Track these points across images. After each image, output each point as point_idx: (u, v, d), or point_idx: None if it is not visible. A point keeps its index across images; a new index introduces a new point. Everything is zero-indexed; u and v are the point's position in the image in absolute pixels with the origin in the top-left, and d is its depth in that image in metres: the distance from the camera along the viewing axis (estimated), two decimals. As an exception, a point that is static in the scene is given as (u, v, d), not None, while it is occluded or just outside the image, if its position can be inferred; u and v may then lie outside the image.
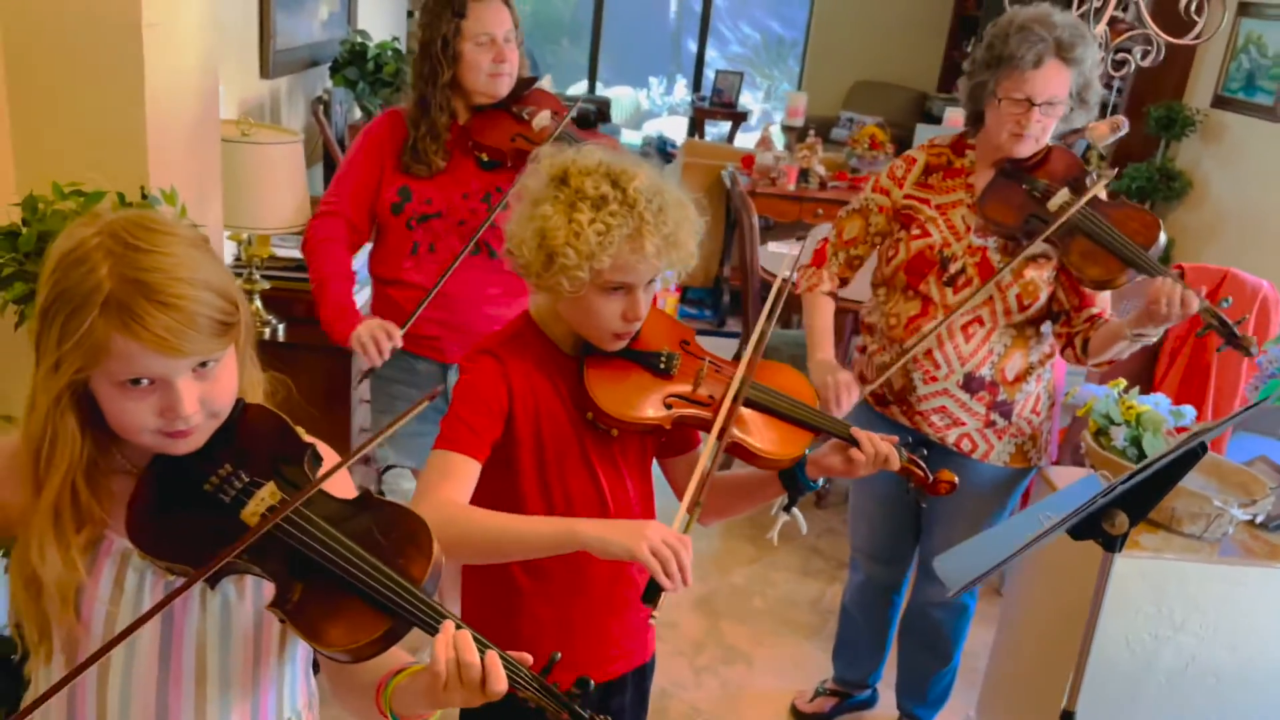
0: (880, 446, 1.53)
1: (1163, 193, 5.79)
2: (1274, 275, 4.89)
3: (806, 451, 1.57)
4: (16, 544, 1.10)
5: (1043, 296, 2.16)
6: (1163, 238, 2.05)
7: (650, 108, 10.86)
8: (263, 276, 2.49)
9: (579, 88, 9.26)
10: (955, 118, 5.24)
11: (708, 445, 1.47)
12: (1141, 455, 2.15)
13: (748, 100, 9.22)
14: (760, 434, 1.53)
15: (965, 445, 2.25)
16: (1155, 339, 2.03)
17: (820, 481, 1.57)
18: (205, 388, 1.06)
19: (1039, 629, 2.35)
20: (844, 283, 2.37)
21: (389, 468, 2.47)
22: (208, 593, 1.16)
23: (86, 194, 1.58)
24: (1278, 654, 2.12)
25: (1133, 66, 3.63)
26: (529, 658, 1.08)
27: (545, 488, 1.51)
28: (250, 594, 1.16)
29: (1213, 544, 2.10)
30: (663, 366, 1.52)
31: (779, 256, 3.83)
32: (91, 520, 1.09)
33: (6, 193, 1.75)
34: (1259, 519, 2.11)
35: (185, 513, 1.09)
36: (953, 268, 2.17)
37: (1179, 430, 2.28)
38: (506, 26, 2.15)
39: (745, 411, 1.53)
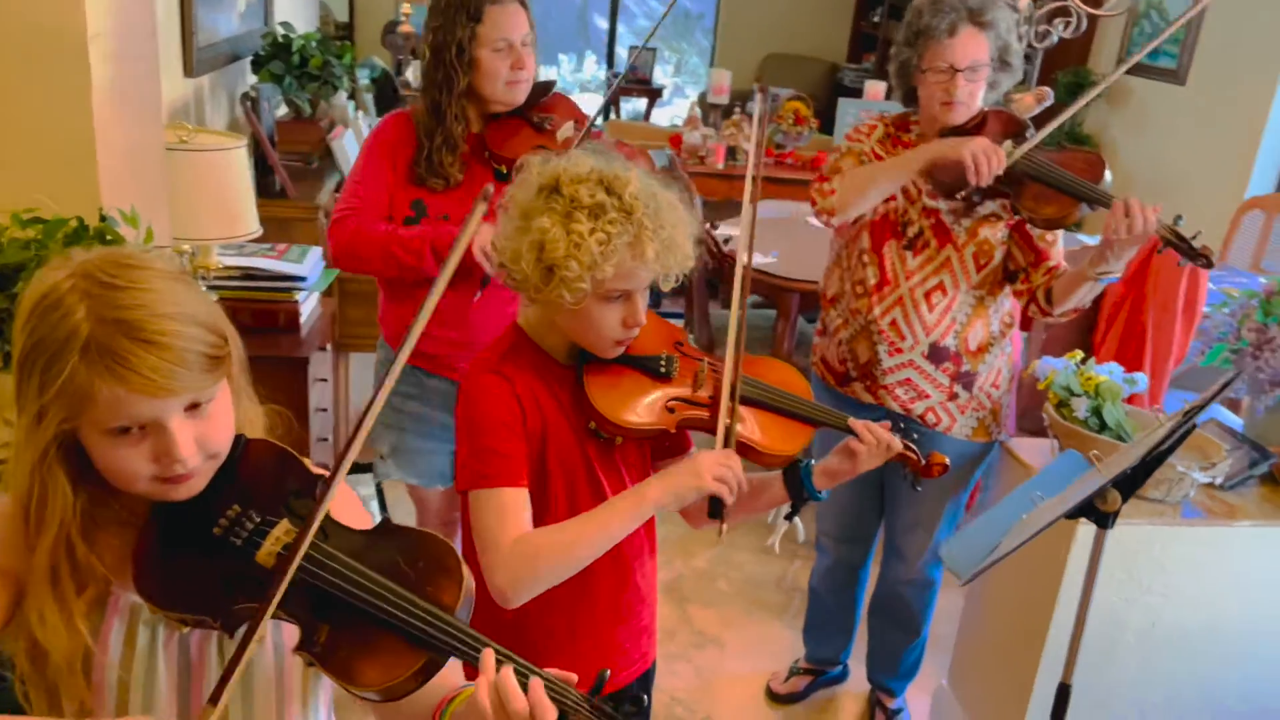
0: (881, 434, 1.55)
1: (1073, 157, 5.96)
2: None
3: (805, 461, 1.57)
4: (18, 611, 1.03)
5: (998, 255, 2.23)
6: (1109, 174, 2.13)
7: (561, 85, 10.74)
8: (209, 288, 2.39)
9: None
10: (875, 91, 5.31)
11: (718, 444, 1.46)
12: (1103, 425, 2.21)
13: (659, 76, 9.19)
14: (761, 431, 1.53)
15: (930, 419, 2.30)
16: (1118, 274, 2.11)
17: (826, 493, 1.57)
18: (200, 428, 1.01)
19: (1008, 596, 2.41)
20: None
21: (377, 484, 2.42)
22: (225, 639, 1.11)
23: (46, 220, 1.48)
24: (1239, 609, 2.22)
25: (1055, 38, 3.73)
26: (574, 677, 1.06)
27: (552, 502, 1.49)
28: (270, 636, 1.12)
29: (1175, 507, 2.18)
30: (663, 370, 1.51)
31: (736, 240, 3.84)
32: (94, 579, 1.03)
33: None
34: (1218, 481, 2.20)
35: (196, 560, 1.03)
36: (910, 231, 2.23)
37: (1134, 398, 2.36)
38: (524, 30, 2.05)
39: (744, 409, 1.53)
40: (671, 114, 9.31)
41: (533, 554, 1.35)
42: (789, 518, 1.62)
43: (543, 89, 2.17)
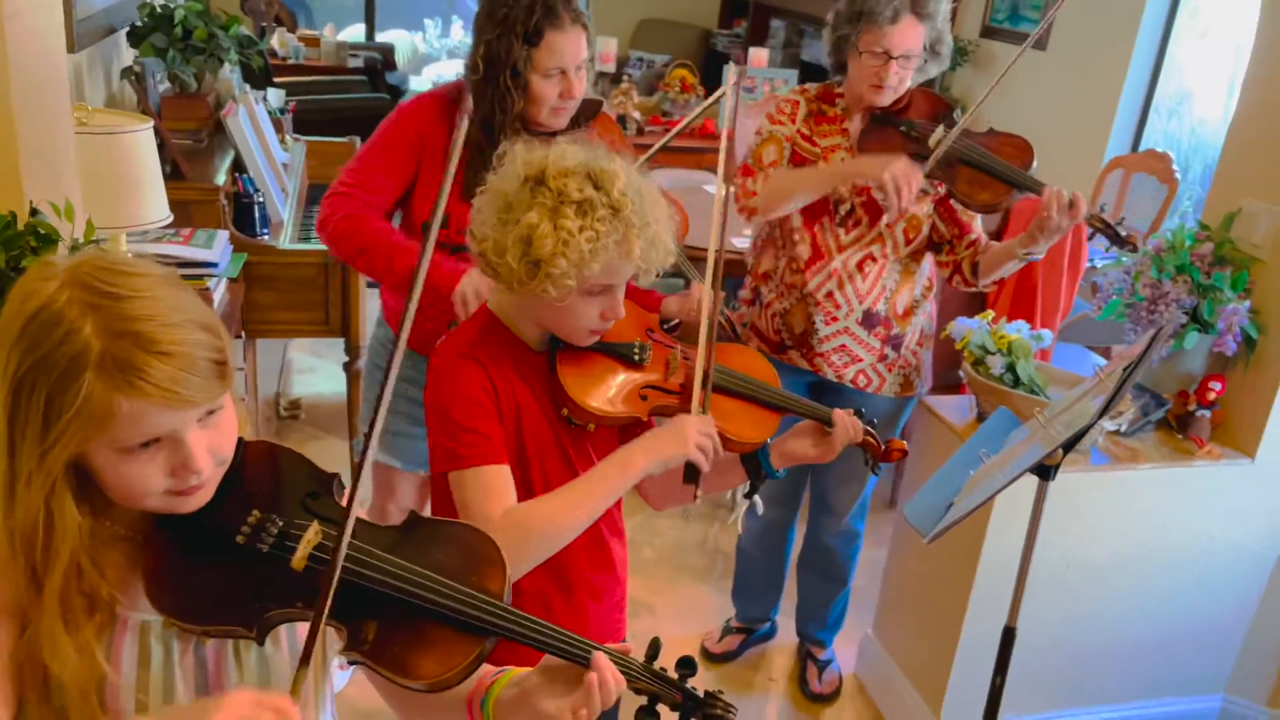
0: (853, 422, 1.60)
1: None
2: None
3: (771, 439, 1.61)
4: (16, 644, 0.97)
5: (925, 229, 2.34)
6: (1035, 161, 2.24)
7: (428, 51, 10.47)
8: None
9: (357, 31, 8.79)
10: (759, 58, 5.39)
11: (693, 406, 1.49)
12: (1017, 381, 2.35)
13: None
14: (730, 419, 1.56)
15: (861, 380, 2.40)
16: (1041, 256, 2.23)
17: (784, 471, 1.62)
18: (211, 436, 0.98)
19: (933, 545, 2.54)
20: None
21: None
22: (242, 647, 1.09)
23: (-23, 217, 1.38)
24: (1141, 543, 2.41)
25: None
26: (630, 647, 1.09)
27: (528, 489, 1.49)
28: (285, 641, 1.10)
29: (1085, 454, 2.33)
30: (637, 358, 1.52)
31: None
32: (101, 601, 0.99)
33: None
34: (1122, 428, 2.36)
35: (219, 571, 1.01)
36: (842, 209, 2.30)
37: (1044, 353, 2.51)
38: (581, 56, 1.93)
39: (716, 397, 1.55)
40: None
41: (524, 525, 1.35)
42: (748, 496, 1.66)
43: (590, 109, 2.06)
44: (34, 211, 1.50)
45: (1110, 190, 4.64)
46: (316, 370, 4.24)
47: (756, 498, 1.67)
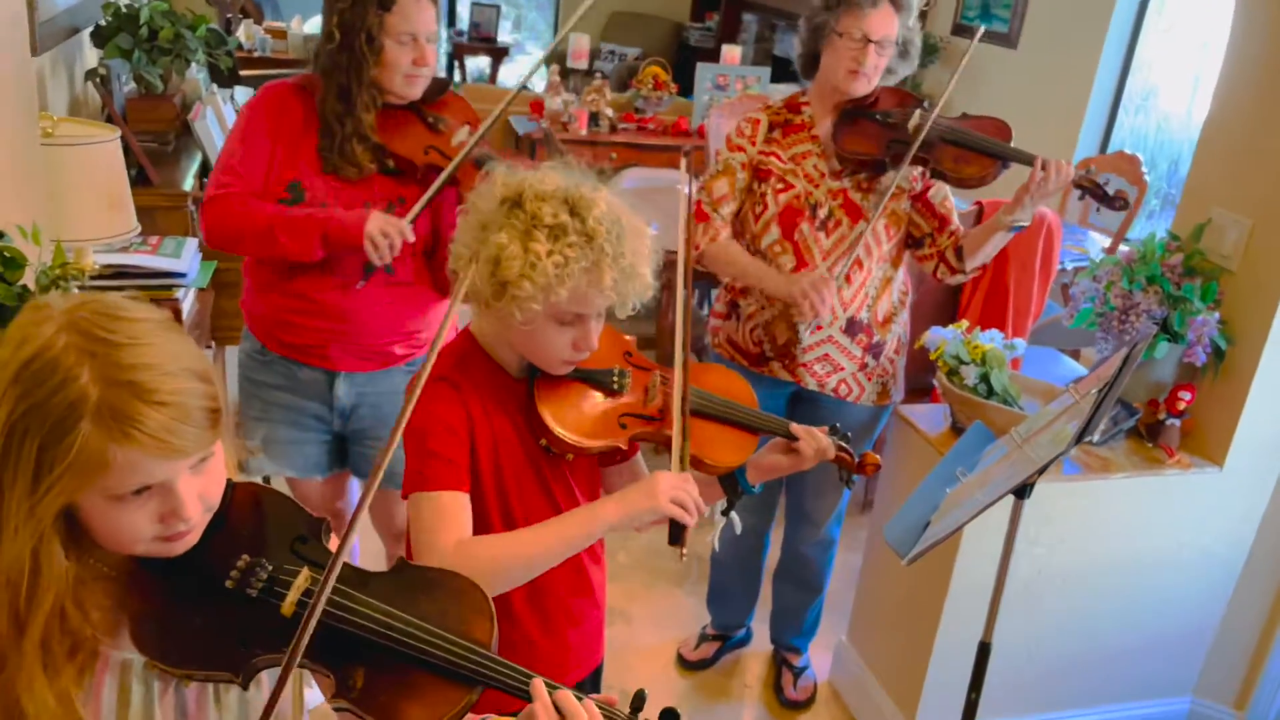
0: (820, 439, 1.60)
1: (914, 117, 6.23)
2: (1010, 186, 5.44)
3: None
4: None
5: (904, 224, 2.37)
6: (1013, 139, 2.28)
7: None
8: (79, 289, 2.23)
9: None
10: (732, 55, 5.38)
11: (673, 464, 1.47)
12: (990, 391, 2.36)
13: (501, 31, 8.99)
14: (710, 444, 1.55)
15: (842, 390, 2.42)
16: (1027, 222, 2.27)
17: (760, 487, 1.62)
18: (202, 483, 0.98)
19: (906, 554, 2.56)
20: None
21: (265, 477, 2.32)
22: (223, 689, 1.08)
23: (-59, 244, 1.35)
24: (1112, 551, 2.44)
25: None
26: (615, 698, 1.09)
27: (507, 517, 1.48)
28: (267, 685, 1.09)
29: (1057, 464, 2.35)
30: (615, 385, 1.51)
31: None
32: (83, 645, 0.98)
33: None
34: (1094, 439, 2.38)
35: (204, 615, 1.00)
36: (821, 213, 2.31)
37: (1014, 362, 2.53)
38: (432, 27, 2.00)
39: (694, 422, 1.53)
40: (517, 73, 9.14)
41: (473, 560, 1.31)
42: (725, 513, 1.66)
43: (439, 86, 2.12)
44: (0, 234, 1.47)
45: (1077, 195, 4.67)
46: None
47: (734, 515, 1.67)
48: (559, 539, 1.36)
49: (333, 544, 1.07)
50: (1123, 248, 2.54)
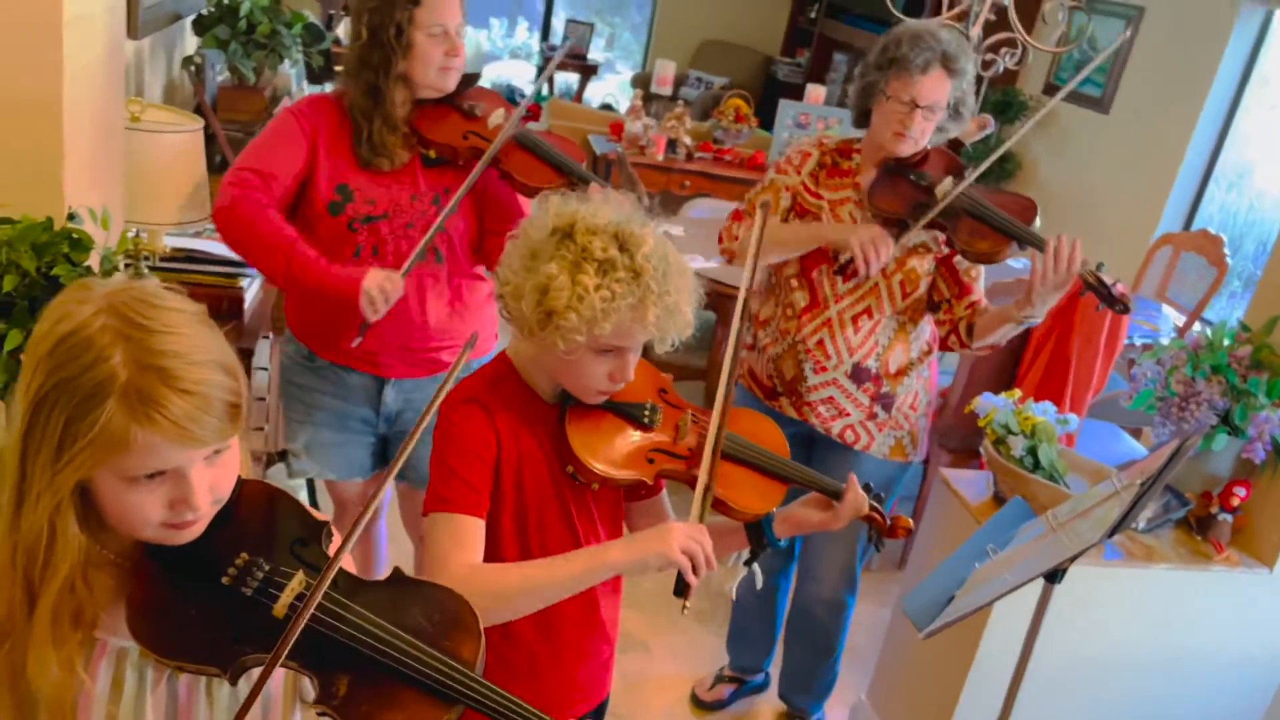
0: (860, 496, 1.58)
1: (994, 173, 6.15)
2: (1096, 252, 5.31)
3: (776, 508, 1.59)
4: None
5: (922, 286, 2.33)
6: (1039, 220, 2.23)
7: (491, 49, 10.54)
8: (150, 269, 2.30)
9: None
10: (816, 94, 5.37)
11: (695, 503, 1.47)
12: (1037, 464, 2.31)
13: (592, 50, 9.10)
14: (737, 489, 1.53)
15: (849, 436, 2.39)
16: (1039, 319, 2.20)
17: (786, 542, 1.60)
18: (215, 475, 1.00)
19: (934, 620, 2.51)
20: None
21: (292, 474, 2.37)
22: (215, 684, 1.10)
23: (14, 221, 1.40)
24: (1149, 645, 2.36)
25: (1000, 68, 3.83)
26: None
27: (524, 541, 1.49)
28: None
29: (1098, 547, 2.29)
30: (646, 420, 1.51)
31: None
32: (85, 621, 1.01)
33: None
34: (1139, 525, 2.32)
35: (200, 608, 1.02)
36: (842, 258, 2.28)
37: (1069, 438, 2.47)
38: (459, 19, 2.04)
39: (723, 465, 1.52)
40: (604, 90, 9.23)
41: (478, 586, 1.30)
42: (748, 564, 1.64)
43: (469, 79, 2.16)
44: (71, 216, 1.52)
45: (1158, 266, 4.57)
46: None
47: (755, 566, 1.65)
48: (566, 575, 1.35)
49: (334, 548, 1.08)
50: (1199, 326, 2.47)
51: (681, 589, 1.35)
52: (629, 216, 1.39)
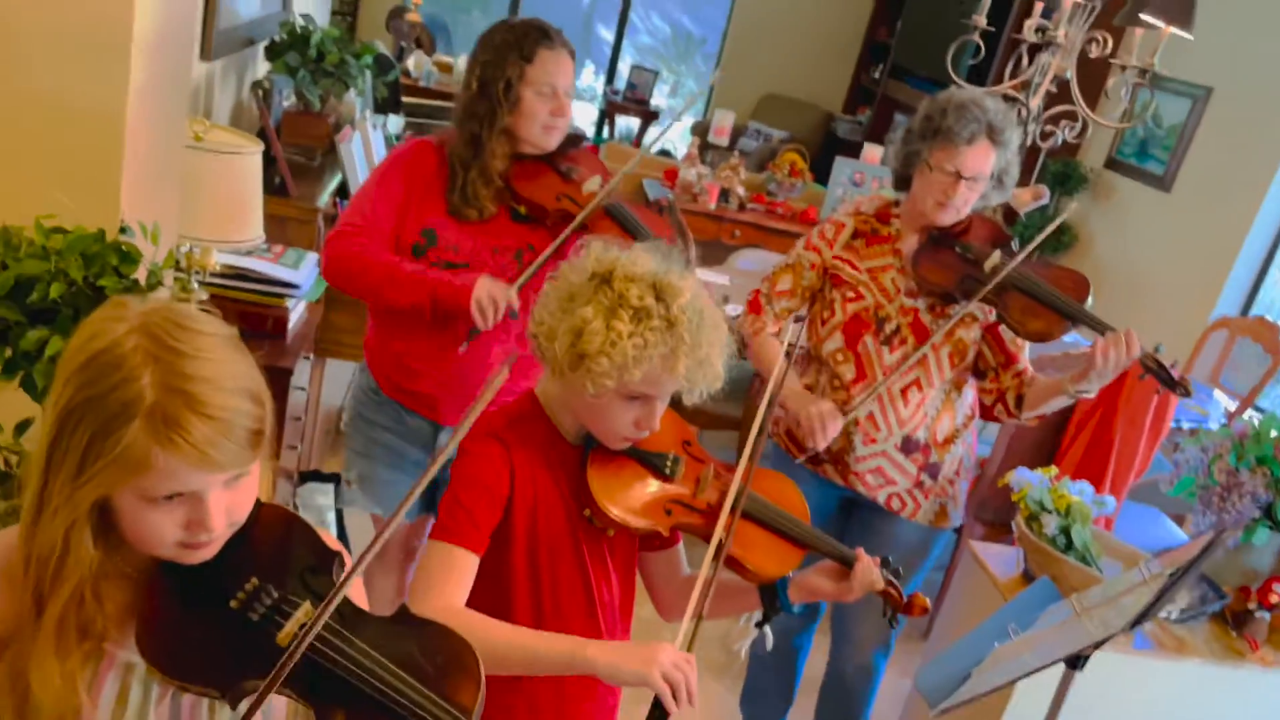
0: (872, 571, 1.55)
1: (1050, 244, 6.09)
2: (1150, 331, 5.22)
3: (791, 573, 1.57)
4: (2, 660, 1.00)
5: (970, 354, 2.30)
6: (1090, 298, 2.19)
7: (555, 90, 10.70)
8: (200, 284, 2.35)
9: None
10: (873, 154, 5.37)
11: (706, 559, 1.46)
12: (1070, 545, 2.26)
13: (655, 95, 9.20)
14: (753, 549, 1.52)
15: (895, 504, 2.35)
16: (1093, 394, 2.17)
17: (800, 608, 1.58)
18: (232, 498, 1.01)
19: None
20: (779, 333, 2.44)
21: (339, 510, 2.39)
22: (217, 705, 1.10)
23: (67, 231, 1.45)
24: (1176, 740, 2.28)
25: (1059, 140, 3.81)
26: None
27: (535, 582, 1.48)
28: (260, 710, 1.10)
29: (1127, 635, 2.22)
30: (668, 470, 1.51)
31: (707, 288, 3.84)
32: (93, 632, 1.01)
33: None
34: (1171, 616, 2.25)
35: (207, 629, 1.03)
36: (888, 327, 2.27)
37: (1107, 521, 2.42)
38: (569, 81, 2.07)
39: (741, 523, 1.51)
40: (664, 136, 9.33)
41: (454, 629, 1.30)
42: (759, 625, 1.62)
43: (573, 140, 2.17)
44: (124, 229, 1.56)
45: (1212, 350, 4.48)
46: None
47: (767, 629, 1.62)
48: (537, 655, 1.30)
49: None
50: (1249, 415, 2.41)
51: (658, 717, 1.26)
52: (668, 267, 1.40)
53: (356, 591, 1.15)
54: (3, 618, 1.00)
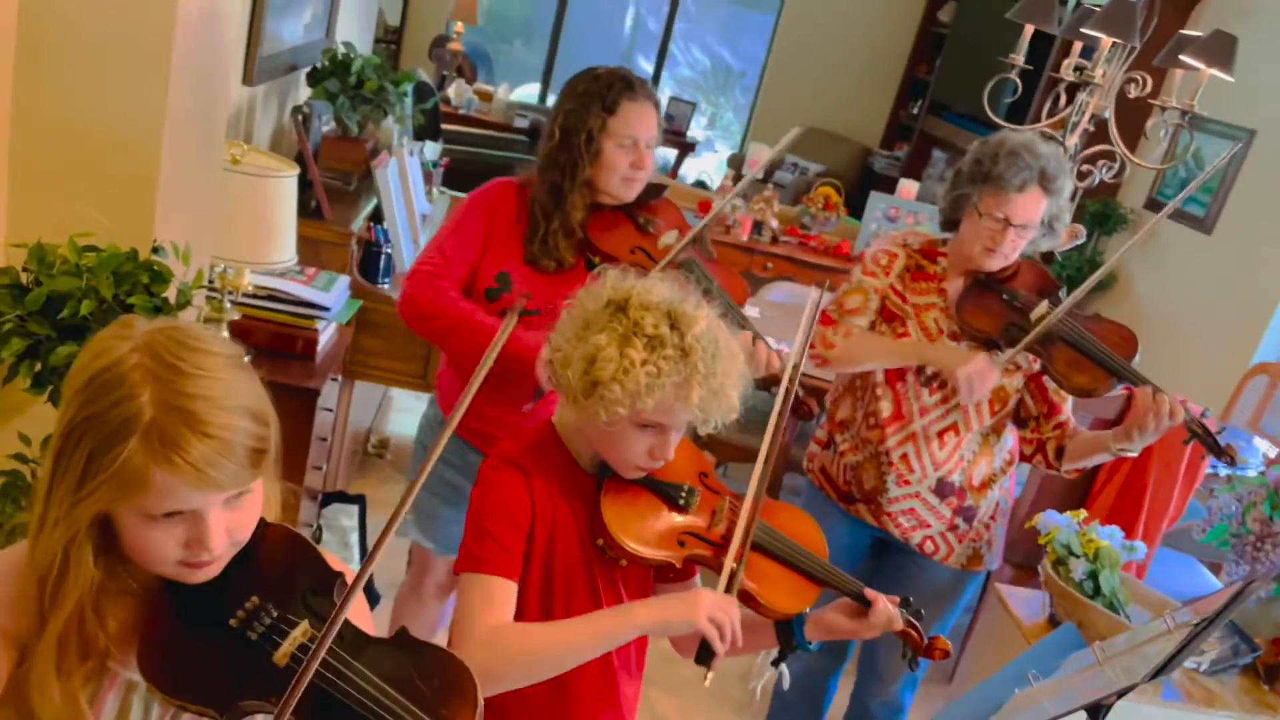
0: (889, 610, 1.53)
1: (1088, 283, 6.03)
2: (1187, 372, 5.16)
3: (808, 610, 1.56)
4: (9, 677, 1.01)
5: (1012, 402, 2.26)
6: (1139, 354, 2.15)
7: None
8: (233, 305, 2.38)
9: (531, 90, 9.15)
10: (909, 190, 5.36)
11: (719, 588, 1.44)
12: (1097, 589, 2.22)
13: (693, 126, 9.25)
14: (768, 583, 1.51)
15: (928, 547, 2.31)
16: (1136, 453, 2.12)
17: (817, 645, 1.56)
18: (233, 518, 1.01)
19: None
20: None
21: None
22: None
23: (100, 250, 1.47)
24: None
25: (1096, 180, 3.78)
26: None
27: (547, 610, 1.48)
28: None
29: (1156, 685, 2.17)
30: (682, 501, 1.50)
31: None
32: (96, 650, 1.02)
33: (-2, 222, 1.63)
34: (1201, 667, 2.20)
35: (207, 649, 1.03)
36: (928, 370, 2.23)
37: (1139, 569, 2.37)
38: (652, 133, 2.06)
39: (755, 558, 1.51)
40: (699, 167, 9.37)
41: (504, 647, 1.33)
42: (775, 664, 1.60)
43: (654, 191, 2.16)
44: (156, 249, 1.59)
45: (1252, 395, 4.40)
46: (413, 412, 4.33)
47: (784, 667, 1.60)
48: (592, 633, 1.35)
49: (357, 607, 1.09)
50: (1273, 470, 2.36)
51: (705, 657, 1.35)
52: (684, 296, 1.40)
53: (360, 612, 1.15)
54: (11, 632, 1.01)
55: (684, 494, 1.50)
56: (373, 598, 2.85)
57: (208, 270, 2.21)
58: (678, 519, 1.49)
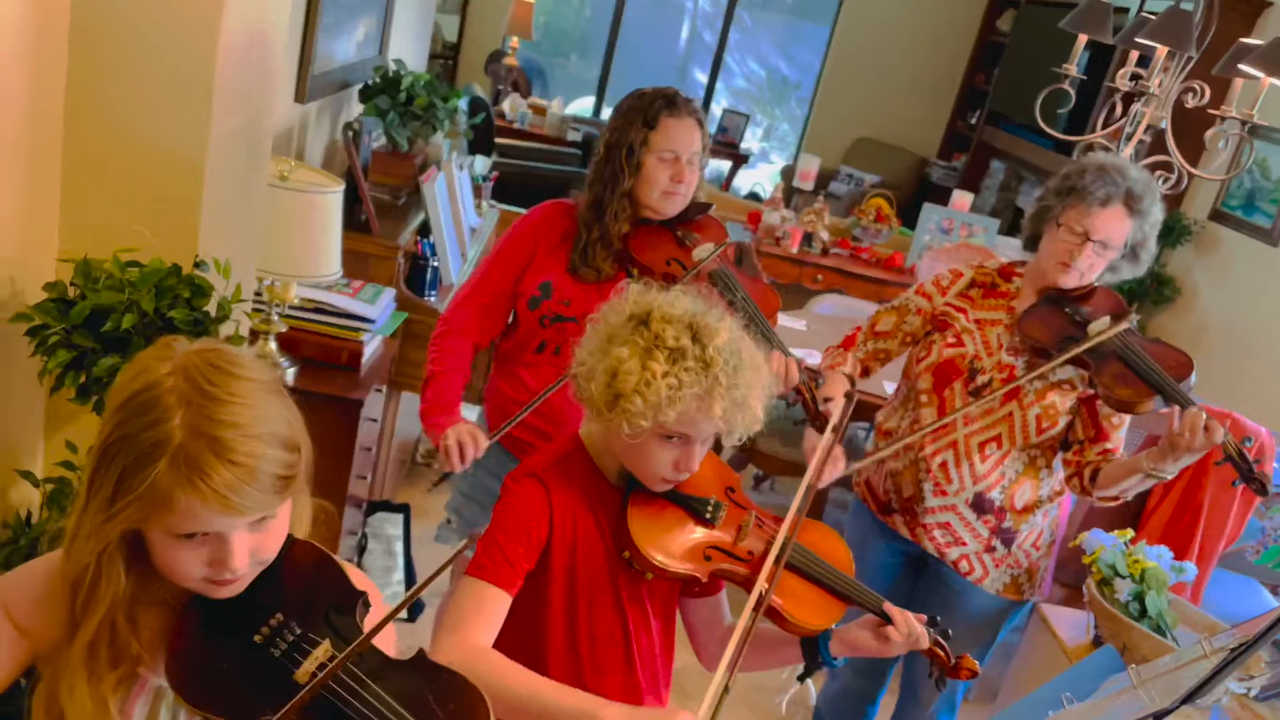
0: (914, 626, 1.52)
1: (1152, 296, 5.89)
2: (1251, 387, 5.02)
3: (834, 626, 1.55)
4: (42, 681, 1.05)
5: (1061, 423, 2.20)
6: (1194, 377, 2.10)
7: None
8: (280, 317, 2.44)
9: (585, 104, 9.22)
10: (962, 201, 5.29)
11: (745, 610, 1.44)
12: (1144, 611, 2.17)
13: (748, 138, 9.24)
14: (795, 599, 1.50)
15: (964, 566, 2.27)
16: (1170, 477, 2.07)
17: (842, 660, 1.55)
18: (258, 540, 1.04)
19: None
20: (866, 372, 2.41)
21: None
22: None
23: (142, 265, 1.52)
24: (1255, 826, 2.14)
25: (1154, 191, 3.69)
26: None
27: (572, 624, 1.48)
28: None
29: (1204, 711, 2.11)
30: (709, 515, 1.50)
31: (786, 331, 3.82)
32: (127, 657, 1.05)
33: (49, 237, 1.69)
34: (1253, 692, 2.13)
35: (232, 662, 1.05)
36: (980, 379, 2.21)
37: (1181, 586, 2.31)
38: (694, 147, 2.09)
39: (784, 574, 1.50)
40: (754, 178, 9.35)
41: (477, 669, 1.25)
42: (801, 679, 1.60)
43: (699, 208, 2.19)
44: (199, 264, 1.64)
45: (1316, 412, 4.25)
46: (464, 423, 4.37)
47: (810, 683, 1.60)
48: (555, 705, 1.28)
49: (369, 620, 1.11)
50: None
51: None
52: (706, 308, 1.41)
53: (382, 632, 1.16)
54: (45, 637, 1.05)
55: (710, 508, 1.50)
56: (417, 605, 2.89)
57: (256, 283, 2.27)
58: (704, 533, 1.49)
